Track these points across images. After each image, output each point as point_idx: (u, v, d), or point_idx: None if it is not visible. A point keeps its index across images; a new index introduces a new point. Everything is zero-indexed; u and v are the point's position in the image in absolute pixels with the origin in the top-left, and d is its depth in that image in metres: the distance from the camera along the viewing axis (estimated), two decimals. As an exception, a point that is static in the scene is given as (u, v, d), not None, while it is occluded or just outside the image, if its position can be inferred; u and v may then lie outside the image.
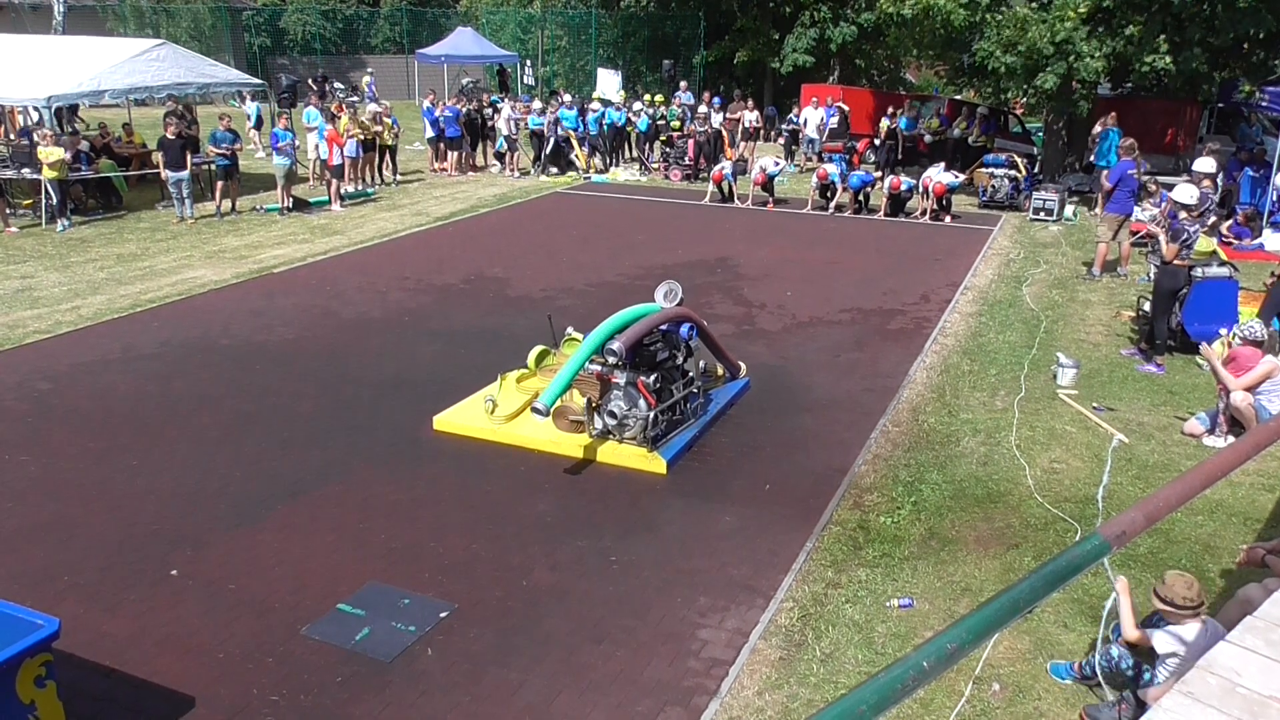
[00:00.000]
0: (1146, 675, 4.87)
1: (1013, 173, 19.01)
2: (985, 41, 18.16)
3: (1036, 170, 20.12)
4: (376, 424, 8.46)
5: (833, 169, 18.54)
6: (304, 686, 5.12)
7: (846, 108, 23.48)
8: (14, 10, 30.51)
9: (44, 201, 15.90)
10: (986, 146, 21.56)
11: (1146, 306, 10.71)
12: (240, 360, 10.00)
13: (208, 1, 36.56)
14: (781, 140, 27.74)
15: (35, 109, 17.38)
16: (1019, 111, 24.51)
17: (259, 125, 22.73)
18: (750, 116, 23.92)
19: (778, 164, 19.69)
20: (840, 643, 5.58)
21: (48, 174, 15.46)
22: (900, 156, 22.39)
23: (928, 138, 22.93)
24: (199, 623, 5.67)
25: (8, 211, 15.73)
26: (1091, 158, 18.65)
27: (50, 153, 15.46)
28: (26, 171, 16.19)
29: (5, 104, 18.61)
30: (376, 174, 20.57)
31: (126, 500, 7.11)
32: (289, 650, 5.41)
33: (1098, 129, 17.89)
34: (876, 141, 22.62)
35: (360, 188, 19.51)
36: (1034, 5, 17.62)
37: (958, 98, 27.46)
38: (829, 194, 18.43)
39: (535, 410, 7.42)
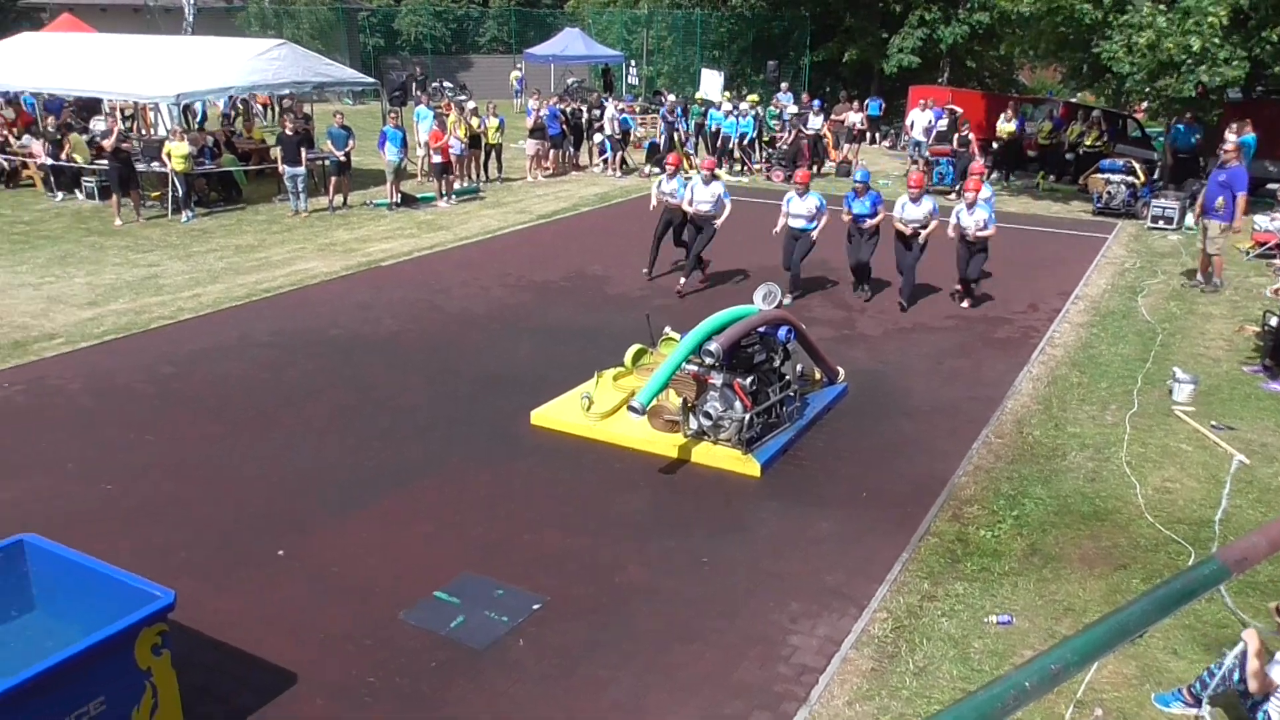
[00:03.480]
0: (1262, 714, 4.63)
1: (1130, 179, 18.26)
2: (1109, 42, 17.44)
3: (1156, 176, 19.29)
4: (475, 417, 8.62)
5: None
6: (400, 670, 5.27)
7: (959, 110, 22.92)
8: (149, 12, 32.09)
9: (170, 194, 16.71)
10: (1104, 151, 20.76)
11: (1274, 321, 10.17)
12: (347, 351, 10.32)
13: (328, 3, 37.81)
14: (887, 144, 27.29)
15: (169, 107, 18.25)
16: (1139, 116, 23.54)
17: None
18: (855, 118, 23.57)
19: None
20: (934, 657, 5.47)
21: (175, 167, 16.26)
22: (1011, 159, 21.78)
23: (1040, 141, 22.23)
24: (303, 603, 5.88)
25: (137, 203, 16.54)
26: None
27: (177, 147, 16.28)
28: (156, 165, 17.02)
29: (138, 101, 19.60)
30: (482, 171, 20.97)
31: (239, 483, 7.41)
32: (387, 634, 5.56)
33: (1232, 137, 17.02)
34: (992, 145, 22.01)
35: (466, 184, 19.91)
36: (1161, 6, 16.83)
37: (1073, 100, 26.54)
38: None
39: (631, 409, 7.46)
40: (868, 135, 25.62)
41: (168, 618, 4.40)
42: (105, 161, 16.41)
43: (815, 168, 22.10)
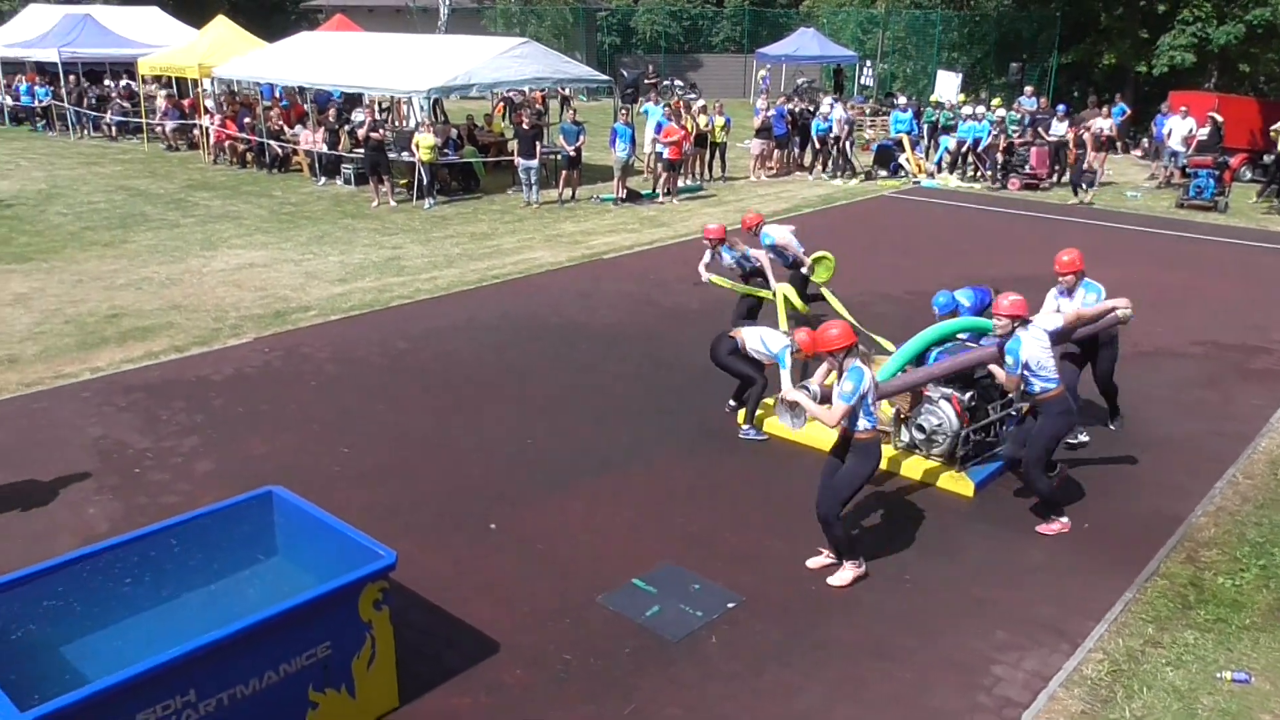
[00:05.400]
0: None
1: None
2: None
3: None
4: (685, 410, 8.73)
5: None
6: (595, 651, 5.42)
7: (1220, 118, 20.98)
8: (409, 13, 34.47)
9: (416, 182, 17.91)
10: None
11: None
12: (566, 338, 10.72)
13: (569, 2, 39.29)
14: (1138, 152, 25.38)
15: (421, 100, 19.57)
16: None
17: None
18: (1103, 124, 22.03)
19: None
20: (1155, 707, 5.05)
21: (421, 157, 17.43)
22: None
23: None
24: (509, 575, 6.16)
25: (384, 189, 17.84)
26: None
27: (425, 138, 17.45)
28: (405, 155, 18.30)
29: (394, 95, 21.10)
30: (706, 170, 21.16)
31: (459, 454, 7.86)
32: (585, 614, 5.74)
33: None
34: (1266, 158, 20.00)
35: (690, 182, 20.16)
36: None
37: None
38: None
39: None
40: (1117, 144, 23.88)
41: (389, 576, 4.73)
42: (362, 150, 17.83)
43: (1055, 176, 20.90)
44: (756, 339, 8.00)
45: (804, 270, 10.09)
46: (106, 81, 29.14)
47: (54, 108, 27.16)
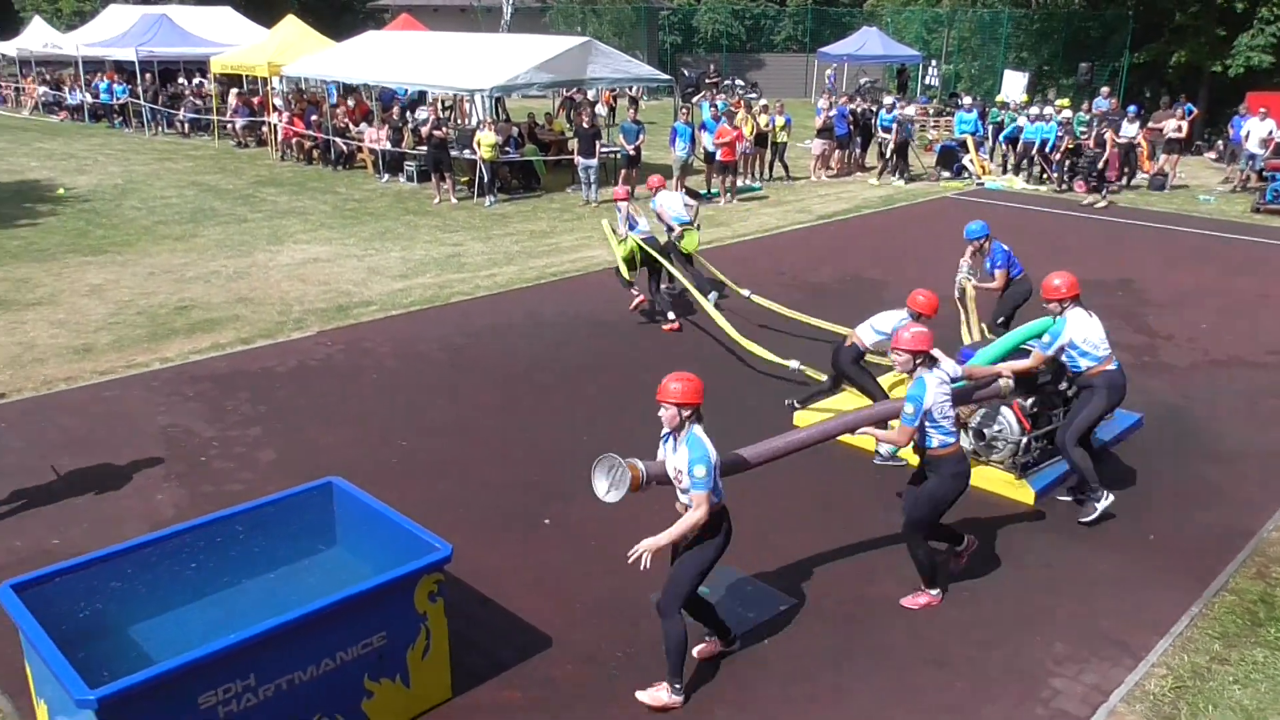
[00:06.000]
0: None
1: None
2: None
3: None
4: (740, 410, 8.69)
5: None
6: (648, 648, 5.41)
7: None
8: (473, 12, 34.84)
9: (477, 179, 18.09)
10: None
11: None
12: (622, 336, 10.74)
13: (632, 1, 39.36)
14: (1212, 154, 24.67)
15: (482, 98, 19.76)
16: None
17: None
18: (1175, 126, 21.45)
19: None
20: (1221, 726, 4.91)
21: (483, 155, 17.60)
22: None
23: None
24: (563, 570, 6.19)
25: (446, 187, 18.03)
26: None
27: (486, 137, 17.61)
28: (467, 152, 18.49)
29: (457, 93, 21.33)
30: (766, 170, 21.05)
31: (514, 449, 7.92)
32: (638, 612, 5.74)
33: None
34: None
35: (748, 182, 20.07)
36: None
37: None
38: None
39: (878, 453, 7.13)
40: (1192, 144, 23.25)
41: (444, 568, 4.78)
42: (425, 147, 18.06)
43: (1125, 179, 20.40)
44: (868, 329, 7.70)
45: (673, 238, 11.47)
46: (180, 80, 29.92)
47: (130, 105, 27.97)
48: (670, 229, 11.47)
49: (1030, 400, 7.29)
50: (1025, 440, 7.17)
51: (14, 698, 4.94)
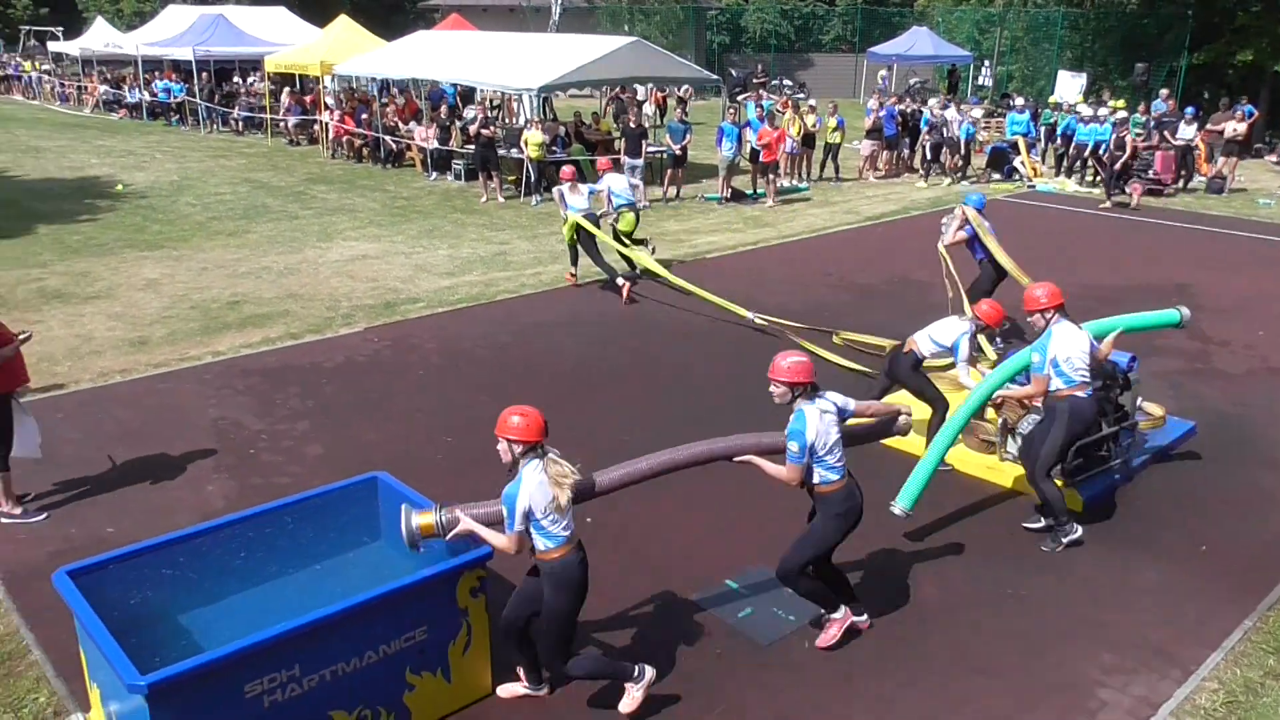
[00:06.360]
0: None
1: None
2: None
3: None
4: (783, 412, 8.63)
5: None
6: (686, 650, 5.42)
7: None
8: (522, 12, 35.04)
9: (523, 178, 18.19)
10: None
11: None
12: (665, 335, 10.74)
13: (680, 1, 39.33)
14: (1273, 157, 24.07)
15: (530, 98, 19.87)
16: None
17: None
18: (1236, 127, 20.97)
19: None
20: (1274, 743, 4.80)
21: (530, 154, 17.70)
22: None
23: None
24: (603, 569, 6.17)
25: (493, 185, 18.16)
26: None
27: (533, 136, 17.71)
28: (514, 151, 18.61)
29: (505, 92, 21.47)
30: (816, 170, 20.92)
31: (559, 448, 7.86)
32: (677, 612, 5.75)
33: None
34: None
35: (793, 183, 19.96)
36: None
37: None
38: None
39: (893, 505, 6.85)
40: (1251, 147, 22.70)
41: (486, 565, 4.82)
42: (473, 146, 18.20)
43: (1183, 181, 19.98)
44: (926, 339, 7.46)
45: (611, 220, 12.64)
46: (235, 79, 30.48)
47: (186, 103, 28.54)
48: (613, 208, 12.58)
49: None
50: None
51: (69, 681, 5.07)
